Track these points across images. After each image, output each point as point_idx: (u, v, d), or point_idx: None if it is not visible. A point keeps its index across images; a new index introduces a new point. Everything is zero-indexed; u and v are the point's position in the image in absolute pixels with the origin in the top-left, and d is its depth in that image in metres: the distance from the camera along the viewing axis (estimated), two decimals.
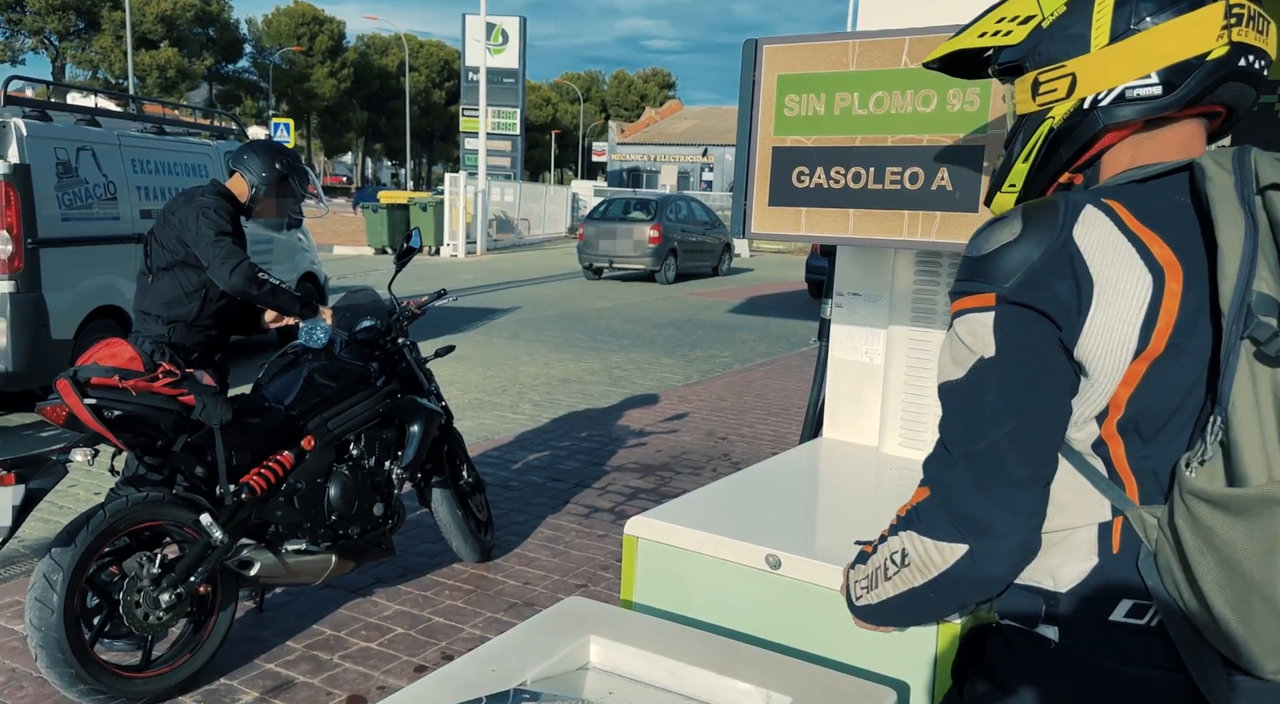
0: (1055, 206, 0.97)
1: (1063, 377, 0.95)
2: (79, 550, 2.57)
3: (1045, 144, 1.04)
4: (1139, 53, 0.97)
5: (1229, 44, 0.95)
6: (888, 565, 1.05)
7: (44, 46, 43.36)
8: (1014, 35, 1.06)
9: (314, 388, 3.25)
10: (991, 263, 0.96)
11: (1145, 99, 0.97)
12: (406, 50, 59.69)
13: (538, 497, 4.78)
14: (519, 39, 31.82)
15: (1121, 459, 0.95)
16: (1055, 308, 0.93)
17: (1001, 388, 0.96)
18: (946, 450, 0.99)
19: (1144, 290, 0.91)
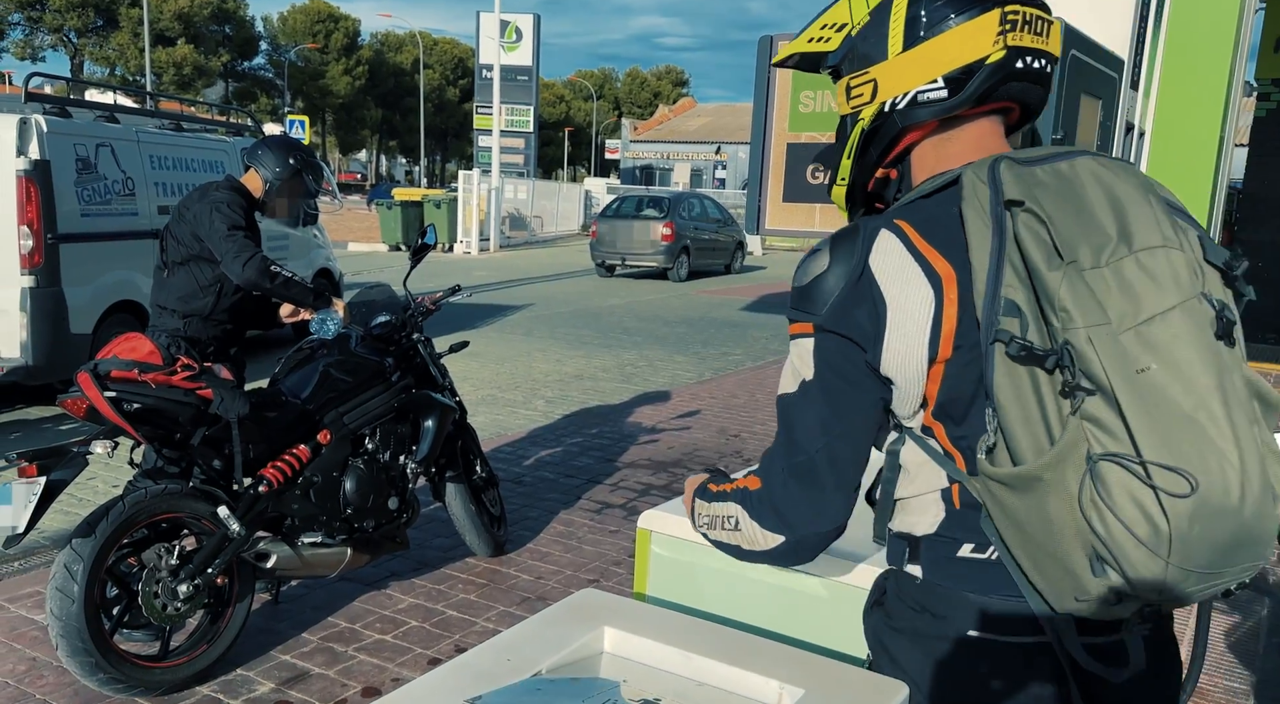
0: (856, 236, 1.07)
1: (869, 396, 1.08)
2: (99, 541, 2.60)
3: (860, 143, 1.15)
4: (926, 59, 1.07)
5: (1005, 48, 1.05)
6: (725, 521, 1.21)
7: (63, 44, 43.72)
8: (831, 42, 1.16)
9: (330, 382, 3.28)
10: (809, 293, 1.08)
11: (935, 101, 1.08)
12: (421, 48, 59.86)
13: (550, 492, 4.80)
14: (533, 36, 31.87)
15: (945, 439, 1.07)
16: (859, 334, 1.05)
17: (818, 408, 1.09)
18: (777, 455, 1.13)
19: (928, 305, 1.02)
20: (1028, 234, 0.95)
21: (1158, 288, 0.94)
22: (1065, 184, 0.99)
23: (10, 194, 5.43)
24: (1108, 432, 0.92)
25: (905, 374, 1.05)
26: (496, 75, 23.12)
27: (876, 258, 1.04)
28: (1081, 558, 0.96)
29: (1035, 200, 0.97)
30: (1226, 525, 0.92)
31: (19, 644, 3.06)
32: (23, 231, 5.45)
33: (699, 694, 1.19)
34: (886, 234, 1.05)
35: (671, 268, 16.84)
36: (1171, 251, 0.96)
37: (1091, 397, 0.92)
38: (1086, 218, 0.96)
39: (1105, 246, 0.95)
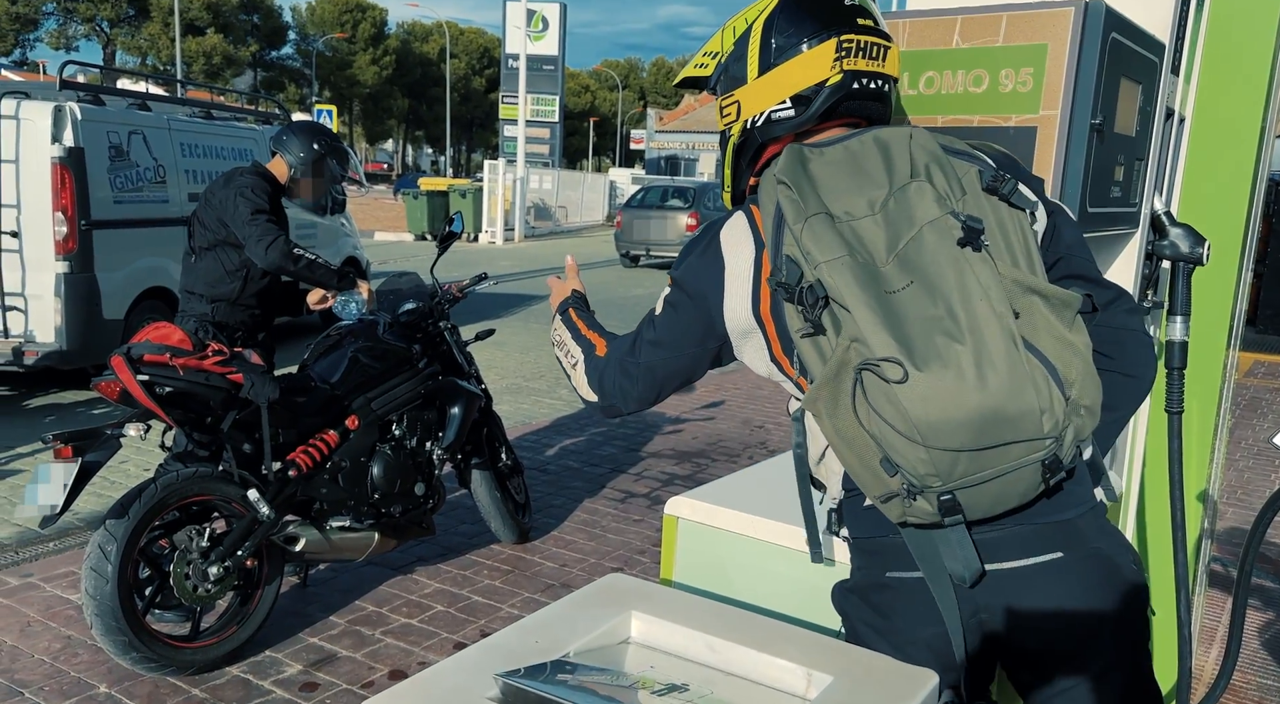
0: (722, 216, 1.30)
1: (692, 336, 1.30)
2: (132, 522, 2.65)
3: (733, 155, 1.34)
4: (776, 84, 1.26)
5: (841, 72, 1.23)
6: (568, 354, 1.46)
7: (95, 34, 44.27)
8: (708, 68, 1.35)
9: (359, 368, 3.30)
10: (681, 253, 1.32)
11: (785, 119, 1.27)
12: (448, 37, 59.98)
13: (574, 481, 4.81)
14: (559, 26, 31.82)
15: (791, 371, 1.24)
16: (699, 288, 1.26)
17: (657, 332, 1.32)
18: (622, 347, 1.37)
19: (749, 263, 1.22)
20: (785, 201, 1.15)
21: (908, 216, 1.11)
22: (847, 155, 1.18)
23: (45, 181, 5.51)
24: (865, 345, 1.06)
25: (741, 320, 1.24)
26: (523, 65, 23.12)
27: (726, 231, 1.26)
28: (876, 462, 1.10)
29: (798, 173, 1.16)
30: (966, 403, 1.03)
31: (54, 622, 3.12)
32: (57, 218, 5.54)
33: (726, 681, 1.19)
34: (739, 214, 1.27)
35: None
36: (920, 184, 1.13)
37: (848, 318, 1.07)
38: (863, 178, 1.15)
39: (879, 198, 1.13)
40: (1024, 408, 1.05)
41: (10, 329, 5.63)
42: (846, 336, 1.08)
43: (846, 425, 1.11)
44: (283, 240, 3.31)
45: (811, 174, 1.17)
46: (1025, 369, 1.05)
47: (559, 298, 1.60)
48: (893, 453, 1.08)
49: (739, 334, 1.27)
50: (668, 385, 1.36)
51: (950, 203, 1.13)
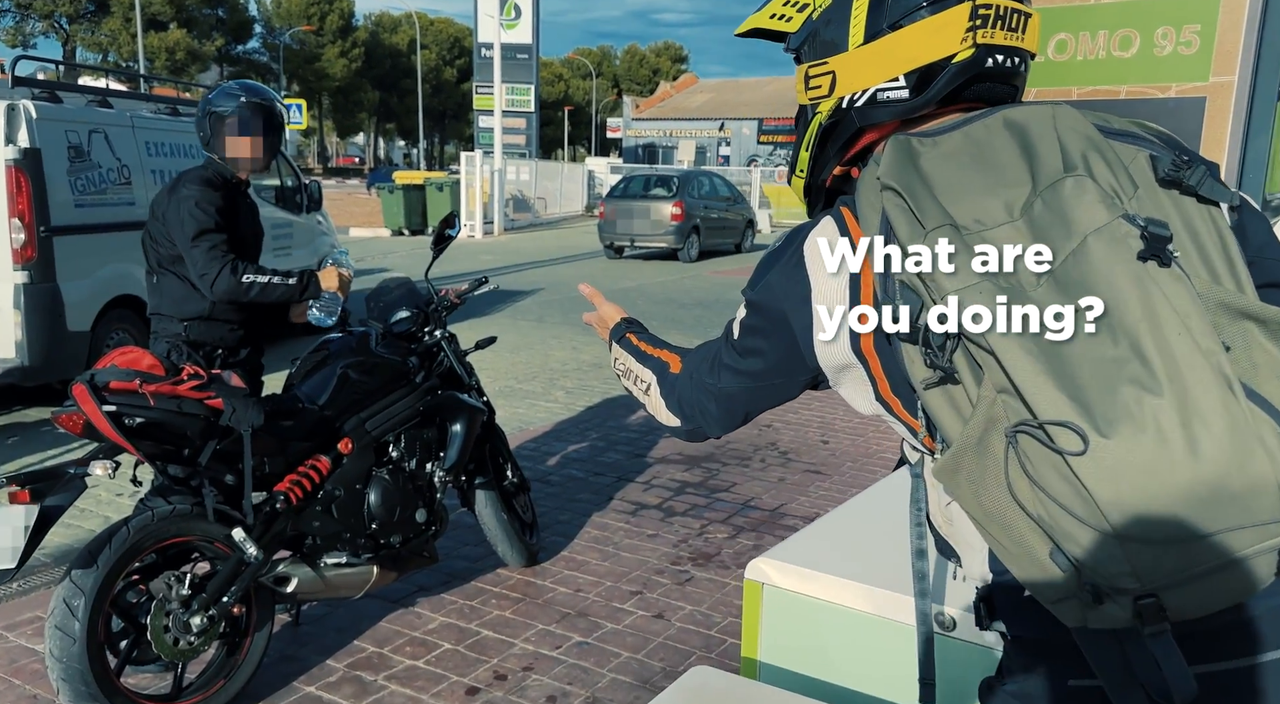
0: (809, 222, 1.05)
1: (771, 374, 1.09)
2: (101, 572, 2.34)
3: (817, 138, 1.08)
4: (888, 55, 0.99)
5: (974, 46, 0.97)
6: (638, 380, 1.28)
7: (54, 30, 43.16)
8: (793, 22, 1.08)
9: (350, 386, 3.00)
10: (757, 268, 1.09)
11: (895, 102, 1.01)
12: (417, 28, 59.09)
13: (580, 492, 4.53)
14: (532, 13, 31.31)
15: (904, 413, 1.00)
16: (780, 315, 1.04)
17: (731, 362, 1.12)
18: (702, 363, 1.17)
19: (845, 288, 0.97)
20: (895, 212, 0.90)
21: (1064, 221, 0.84)
22: (970, 144, 0.93)
23: (0, 186, 5.13)
24: (1022, 400, 0.81)
25: (834, 354, 1.01)
26: (497, 54, 22.65)
27: (812, 243, 1.01)
28: (1044, 555, 0.84)
29: (909, 174, 0.91)
30: (1174, 479, 0.77)
31: (18, 679, 2.80)
32: (14, 225, 5.15)
33: None
34: (827, 219, 1.02)
35: (681, 248, 16.50)
36: (1078, 180, 0.86)
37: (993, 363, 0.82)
38: (994, 173, 0.89)
39: (1020, 198, 0.87)
40: (1253, 479, 0.78)
41: None
42: (992, 387, 0.83)
43: (999, 506, 0.85)
44: (228, 271, 2.83)
45: (925, 172, 0.92)
46: (1249, 425, 0.79)
47: (607, 327, 1.43)
48: (1068, 543, 0.82)
49: (834, 369, 1.04)
50: (753, 412, 1.18)
51: (1120, 202, 0.87)
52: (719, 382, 1.14)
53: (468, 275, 13.39)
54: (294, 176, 8.49)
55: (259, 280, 2.89)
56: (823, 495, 4.53)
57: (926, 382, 0.87)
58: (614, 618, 3.26)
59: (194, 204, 2.87)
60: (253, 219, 3.19)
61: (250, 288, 2.87)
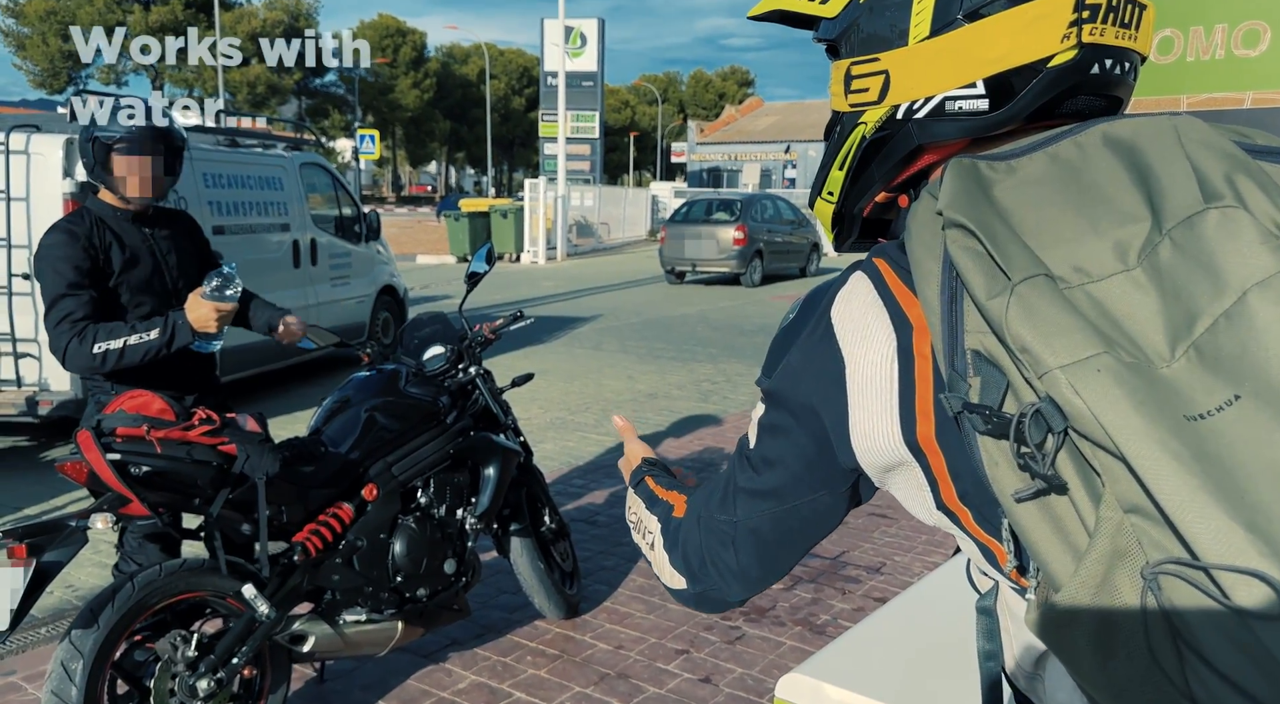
0: (833, 281, 0.83)
1: (803, 490, 0.85)
2: (103, 633, 2.20)
3: (857, 154, 0.85)
4: (963, 54, 0.75)
5: (1078, 46, 0.73)
6: (645, 533, 1.03)
7: (144, 68, 45.27)
8: (830, 5, 0.85)
9: (376, 429, 2.84)
10: (771, 351, 0.88)
11: (968, 114, 0.77)
12: (487, 58, 60.35)
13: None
14: (597, 42, 31.61)
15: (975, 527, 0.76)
16: (806, 405, 0.81)
17: (749, 478, 0.87)
18: (711, 496, 0.92)
19: (890, 361, 0.75)
20: (965, 257, 0.67)
21: (1210, 270, 0.61)
22: (1059, 169, 0.69)
23: (57, 218, 5.17)
24: (1164, 524, 0.56)
25: (881, 449, 0.77)
26: (561, 82, 22.84)
27: (840, 306, 0.79)
28: None
29: (980, 206, 0.68)
30: None
31: None
32: None
33: None
34: (858, 277, 0.80)
35: (744, 273, 16.24)
36: (1228, 213, 0.62)
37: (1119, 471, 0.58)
38: (1097, 205, 0.66)
39: (1136, 238, 0.64)
40: None
41: (24, 378, 5.31)
42: (1117, 505, 0.58)
43: (1135, 681, 0.58)
44: (75, 343, 2.44)
45: (1002, 206, 0.68)
46: None
47: (629, 470, 1.16)
48: None
49: (879, 469, 0.80)
50: (787, 553, 0.89)
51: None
52: (734, 515, 0.88)
53: (527, 303, 13.35)
54: (353, 206, 8.53)
55: (113, 347, 2.46)
56: (889, 542, 4.22)
57: (1018, 494, 0.63)
58: (657, 680, 3.01)
59: (49, 264, 2.50)
60: (162, 249, 2.72)
61: (105, 357, 2.47)
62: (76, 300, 2.49)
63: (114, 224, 2.65)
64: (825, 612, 3.52)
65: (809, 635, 3.31)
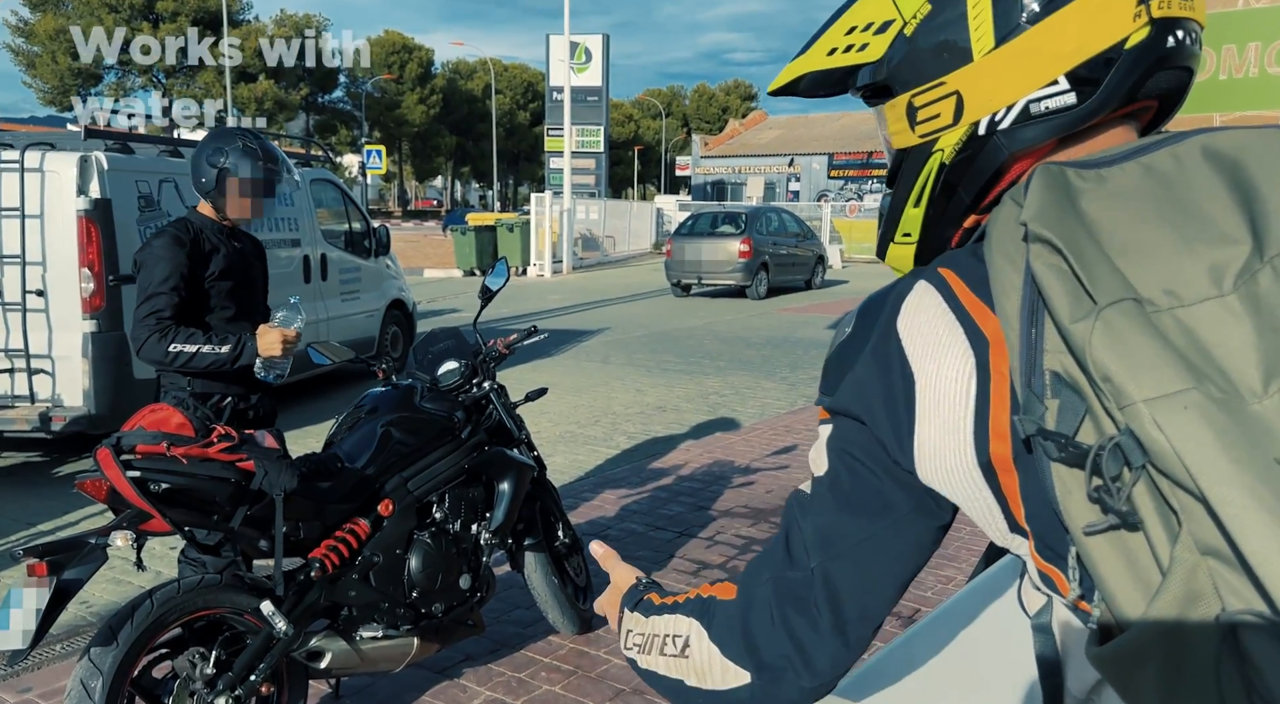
0: (890, 290, 0.80)
1: (896, 508, 0.78)
2: (122, 650, 2.20)
3: (937, 183, 0.82)
4: (1037, 53, 0.75)
5: (1150, 23, 0.73)
6: (667, 642, 0.90)
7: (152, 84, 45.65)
8: (871, 49, 0.83)
9: (392, 444, 2.84)
10: (829, 367, 0.83)
11: (1058, 112, 0.76)
12: (492, 74, 60.71)
13: (639, 549, 4.29)
14: (602, 57, 31.78)
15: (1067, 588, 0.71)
16: (877, 421, 0.77)
17: (825, 514, 0.81)
18: (765, 564, 0.84)
19: (967, 380, 0.72)
20: (1049, 274, 0.64)
21: None
22: (1152, 181, 0.67)
23: (71, 235, 5.23)
24: (1244, 573, 0.54)
25: (951, 483, 0.75)
26: (567, 97, 22.97)
27: (906, 318, 0.76)
28: None
29: (1068, 219, 0.65)
30: None
31: None
32: (83, 274, 5.23)
33: None
34: (924, 287, 0.77)
35: (750, 285, 16.26)
36: None
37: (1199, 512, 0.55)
38: (1192, 223, 0.63)
39: (1234, 261, 0.60)
40: None
41: (37, 393, 5.33)
42: (1194, 546, 0.56)
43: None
44: (154, 339, 2.76)
45: (1091, 219, 0.65)
46: None
47: (615, 599, 1.04)
48: None
49: (944, 485, 0.76)
50: (875, 601, 0.81)
51: None
52: (809, 563, 0.80)
53: (534, 316, 13.39)
54: (363, 221, 8.57)
55: (186, 351, 2.78)
56: None
57: (1090, 527, 0.61)
58: None
59: (153, 258, 2.82)
60: (247, 263, 3.07)
61: (176, 357, 2.79)
62: (167, 299, 2.79)
63: (212, 235, 2.95)
64: None
65: None
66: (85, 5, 42.50)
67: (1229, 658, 0.55)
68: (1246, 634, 0.54)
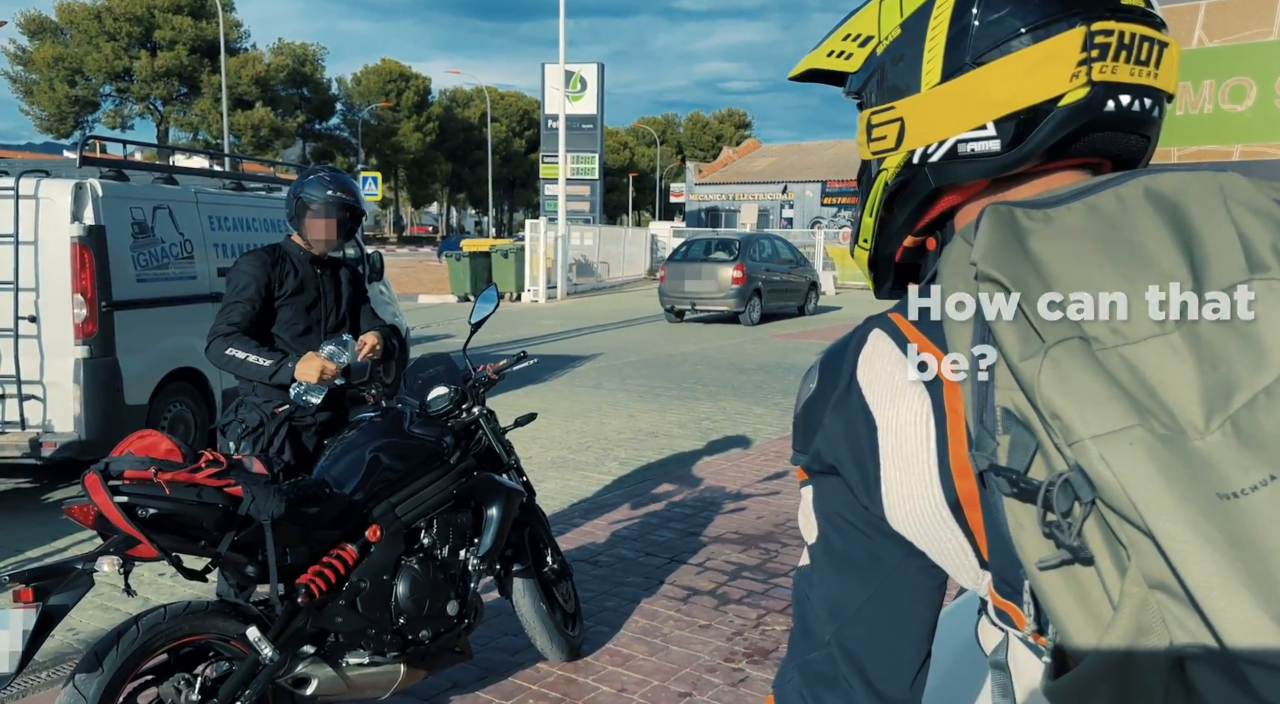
0: (848, 342, 0.80)
1: (890, 557, 0.78)
2: (107, 677, 2.20)
3: (883, 200, 0.86)
4: (972, 97, 0.77)
5: (1089, 84, 0.74)
6: None
7: (149, 112, 45.92)
8: (854, 60, 0.87)
9: (381, 469, 2.85)
10: (799, 426, 0.83)
11: (981, 156, 0.78)
12: (488, 102, 61.23)
13: (629, 575, 4.29)
14: (597, 85, 32.10)
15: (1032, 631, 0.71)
16: (847, 472, 0.77)
17: (825, 582, 0.81)
18: (789, 654, 0.84)
19: (925, 420, 0.73)
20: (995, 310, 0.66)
21: (1249, 341, 0.60)
22: (1098, 222, 0.68)
23: (64, 262, 5.25)
24: (1190, 606, 0.55)
25: (920, 525, 0.75)
26: (562, 125, 23.17)
27: (864, 367, 0.77)
28: None
29: (1015, 258, 0.66)
30: None
31: None
32: (76, 300, 5.25)
33: None
34: (877, 335, 0.78)
35: (743, 311, 16.32)
36: (1271, 284, 0.62)
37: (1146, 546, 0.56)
38: (1136, 264, 0.65)
39: (1170, 303, 0.63)
40: None
41: (28, 420, 5.33)
42: (1142, 580, 0.57)
43: None
44: (219, 341, 3.12)
45: (1038, 259, 0.67)
46: None
47: None
48: None
49: (916, 533, 0.76)
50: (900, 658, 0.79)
51: None
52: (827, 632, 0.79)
53: (528, 341, 13.39)
54: (357, 247, 8.60)
55: (237, 356, 3.10)
56: None
57: (1043, 562, 0.61)
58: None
59: (237, 275, 3.22)
60: (326, 286, 3.41)
61: (229, 361, 3.12)
62: (240, 309, 3.16)
63: (295, 260, 3.33)
64: None
65: None
66: (83, 34, 42.85)
67: (1177, 690, 0.56)
68: (1193, 667, 0.55)
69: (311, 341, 3.27)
